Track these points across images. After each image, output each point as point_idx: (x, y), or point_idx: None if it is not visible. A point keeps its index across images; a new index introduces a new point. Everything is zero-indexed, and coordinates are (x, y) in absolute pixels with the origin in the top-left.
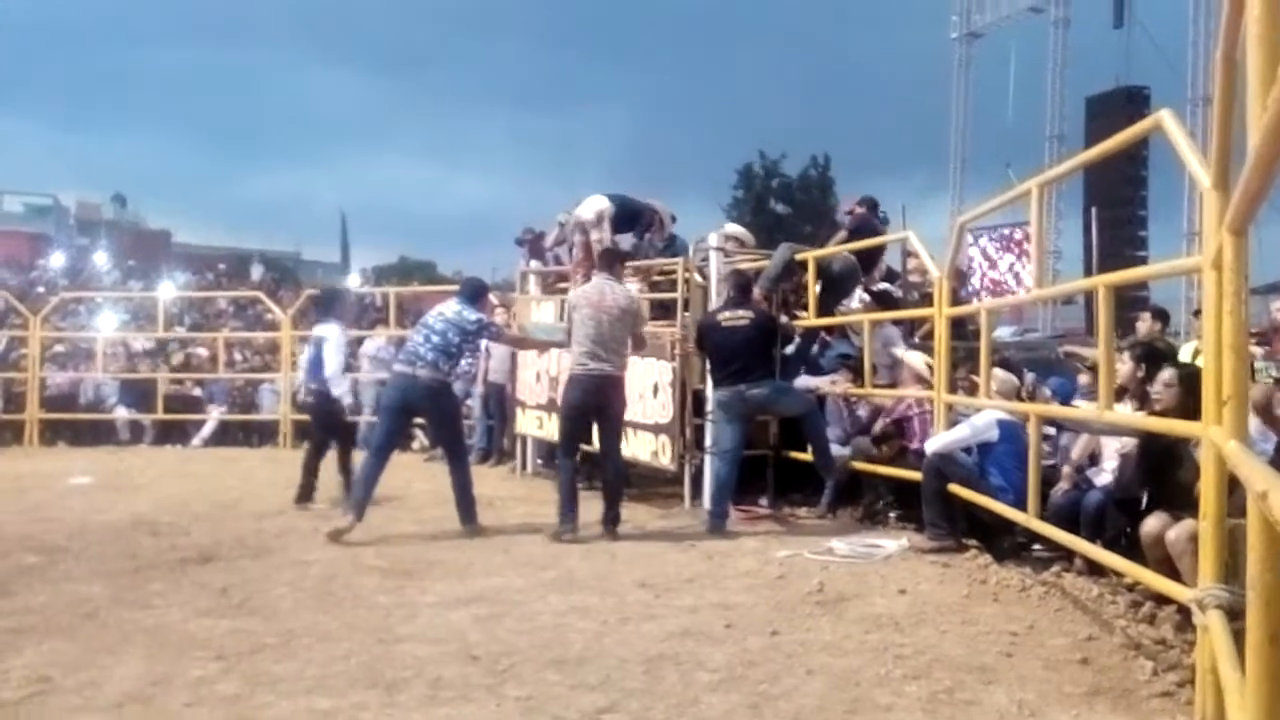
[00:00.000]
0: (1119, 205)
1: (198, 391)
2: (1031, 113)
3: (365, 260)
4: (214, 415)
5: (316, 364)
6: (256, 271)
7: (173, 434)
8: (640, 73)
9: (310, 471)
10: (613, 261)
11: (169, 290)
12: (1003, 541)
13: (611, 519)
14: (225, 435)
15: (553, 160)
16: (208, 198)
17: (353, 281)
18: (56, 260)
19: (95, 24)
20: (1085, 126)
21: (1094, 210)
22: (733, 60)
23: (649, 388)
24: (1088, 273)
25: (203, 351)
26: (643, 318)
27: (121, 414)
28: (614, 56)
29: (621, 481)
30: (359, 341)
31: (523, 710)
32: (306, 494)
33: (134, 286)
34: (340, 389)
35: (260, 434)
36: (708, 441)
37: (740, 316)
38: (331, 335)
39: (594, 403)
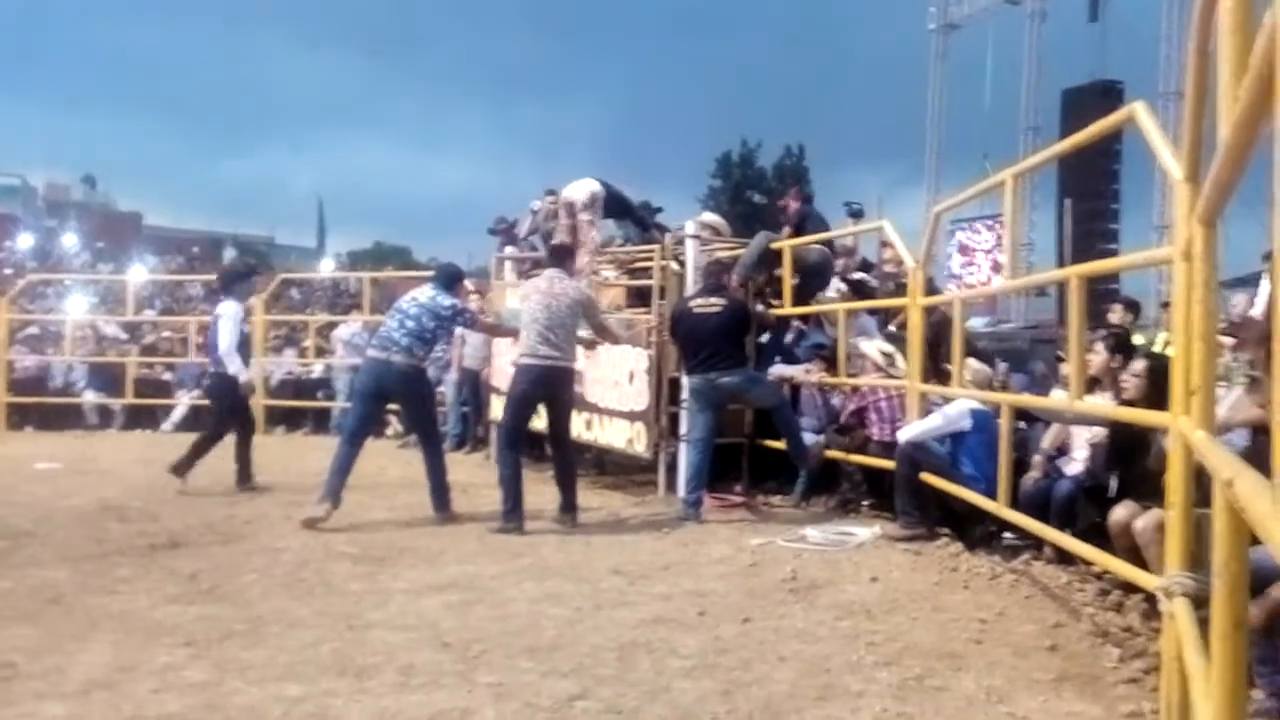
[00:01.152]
0: (1092, 198)
1: (168, 376)
2: (1008, 105)
3: (340, 245)
4: (184, 400)
5: (215, 344)
6: (229, 255)
7: (142, 419)
8: (620, 63)
9: (199, 453)
10: (564, 256)
11: (139, 274)
12: (974, 530)
13: (568, 507)
14: (196, 420)
15: (532, 148)
16: (181, 180)
17: (327, 266)
18: (24, 242)
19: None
20: (1061, 119)
21: (1067, 202)
22: (712, 51)
23: (624, 375)
24: (1060, 264)
25: (169, 334)
26: (596, 308)
27: (90, 398)
28: (595, 46)
29: (574, 469)
30: (331, 326)
31: (494, 697)
32: (186, 469)
33: (103, 269)
34: (235, 367)
35: None
36: (682, 429)
37: (713, 304)
38: (226, 313)
39: (543, 393)
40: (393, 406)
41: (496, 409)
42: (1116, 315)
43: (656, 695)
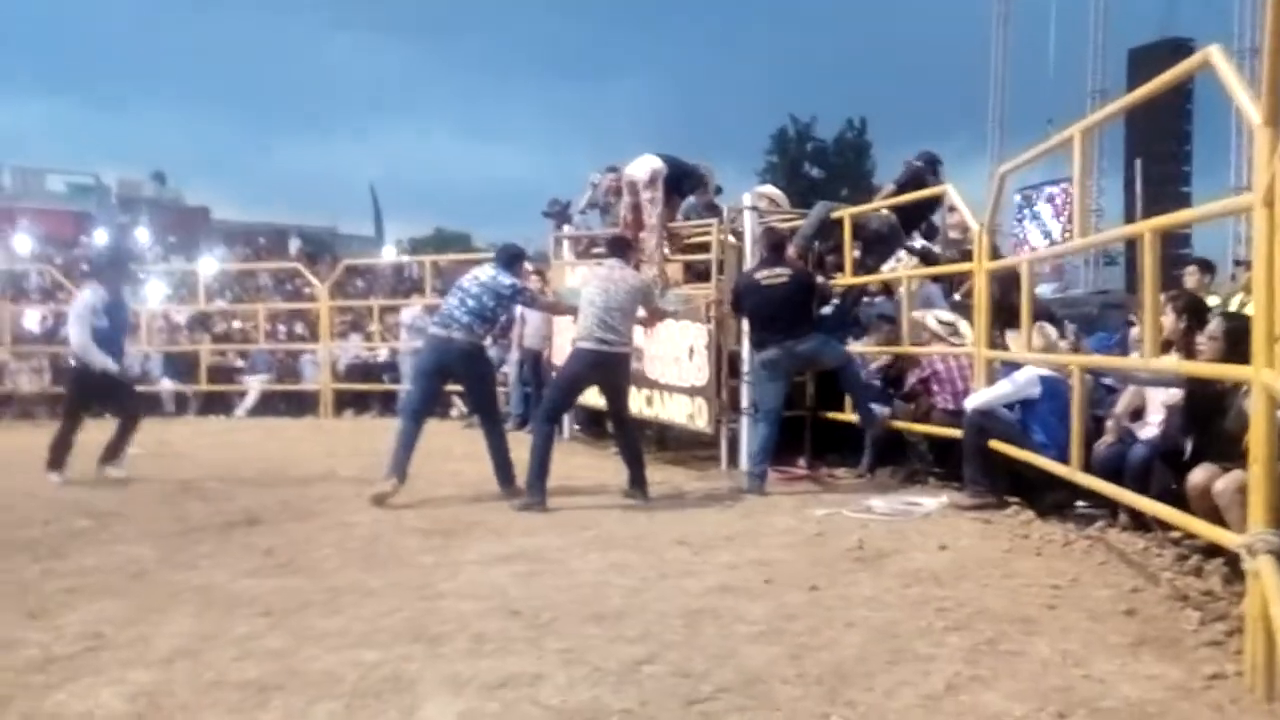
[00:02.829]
0: (1163, 160)
1: (239, 362)
2: (1073, 69)
3: (401, 233)
4: (255, 385)
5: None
6: (294, 246)
7: (216, 405)
8: (673, 41)
9: (65, 442)
10: (623, 247)
11: (209, 265)
12: (1045, 498)
13: (637, 482)
14: (267, 405)
15: (586, 130)
16: (246, 173)
17: (388, 254)
18: (100, 237)
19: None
20: (1128, 80)
21: (1138, 163)
22: (766, 25)
23: (684, 351)
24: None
25: (239, 323)
26: (654, 295)
27: (166, 385)
28: (645, 25)
29: (638, 446)
30: (394, 311)
31: (563, 662)
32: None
33: (175, 262)
34: (90, 356)
35: (301, 404)
36: (743, 403)
37: (779, 274)
38: (79, 299)
39: (597, 377)
40: (455, 388)
41: None
42: (1192, 277)
43: (724, 659)
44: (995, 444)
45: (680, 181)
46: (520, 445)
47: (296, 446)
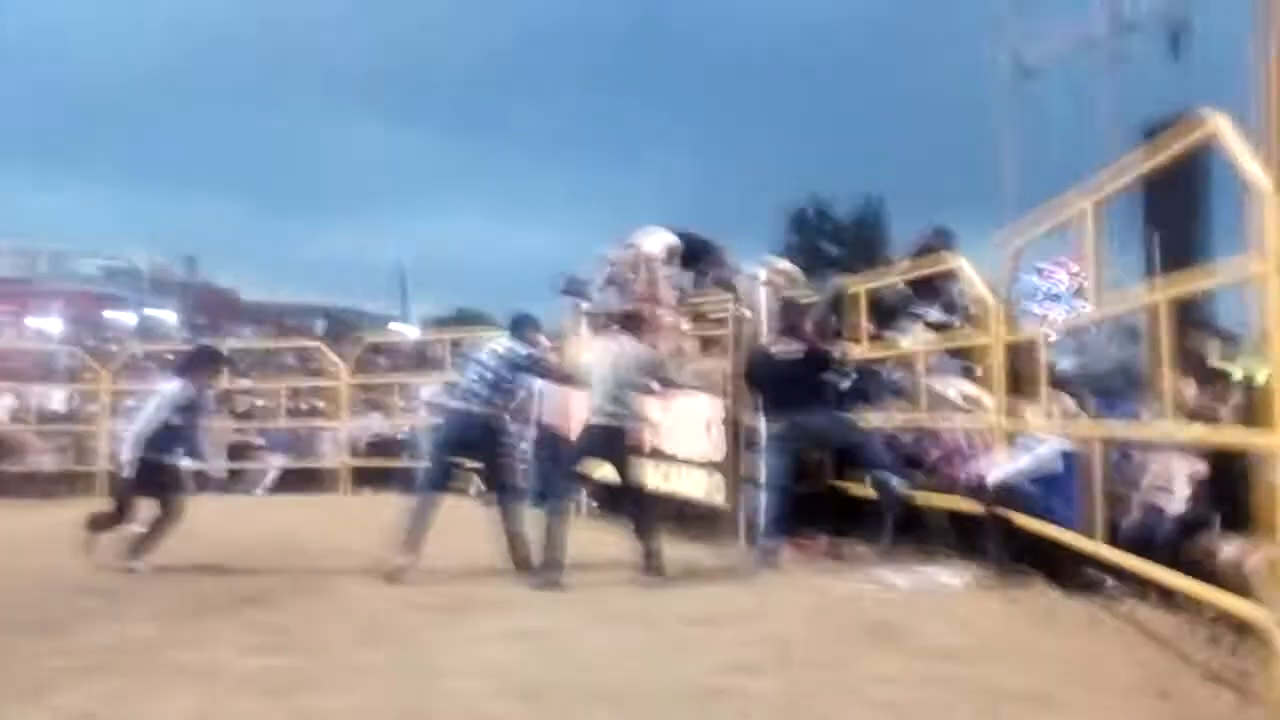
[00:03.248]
0: (1183, 230)
1: (259, 441)
2: (1088, 146)
3: (424, 313)
4: (275, 464)
5: None
6: (320, 326)
7: (237, 482)
8: (694, 119)
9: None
10: (634, 323)
11: (230, 344)
12: (1071, 574)
13: (652, 557)
14: (287, 483)
15: (607, 208)
16: (273, 256)
17: (411, 332)
18: (129, 319)
19: (161, 90)
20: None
21: (1156, 236)
22: (780, 103)
23: (701, 425)
24: None
25: (262, 402)
26: (665, 368)
27: (187, 464)
28: (664, 103)
29: (651, 520)
30: (412, 388)
31: None
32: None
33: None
34: (126, 448)
35: (320, 481)
36: (760, 475)
37: (792, 348)
38: (164, 391)
39: (604, 452)
40: (473, 465)
41: None
42: (1211, 348)
43: None
44: (1017, 519)
45: (697, 254)
46: (536, 521)
47: (312, 523)
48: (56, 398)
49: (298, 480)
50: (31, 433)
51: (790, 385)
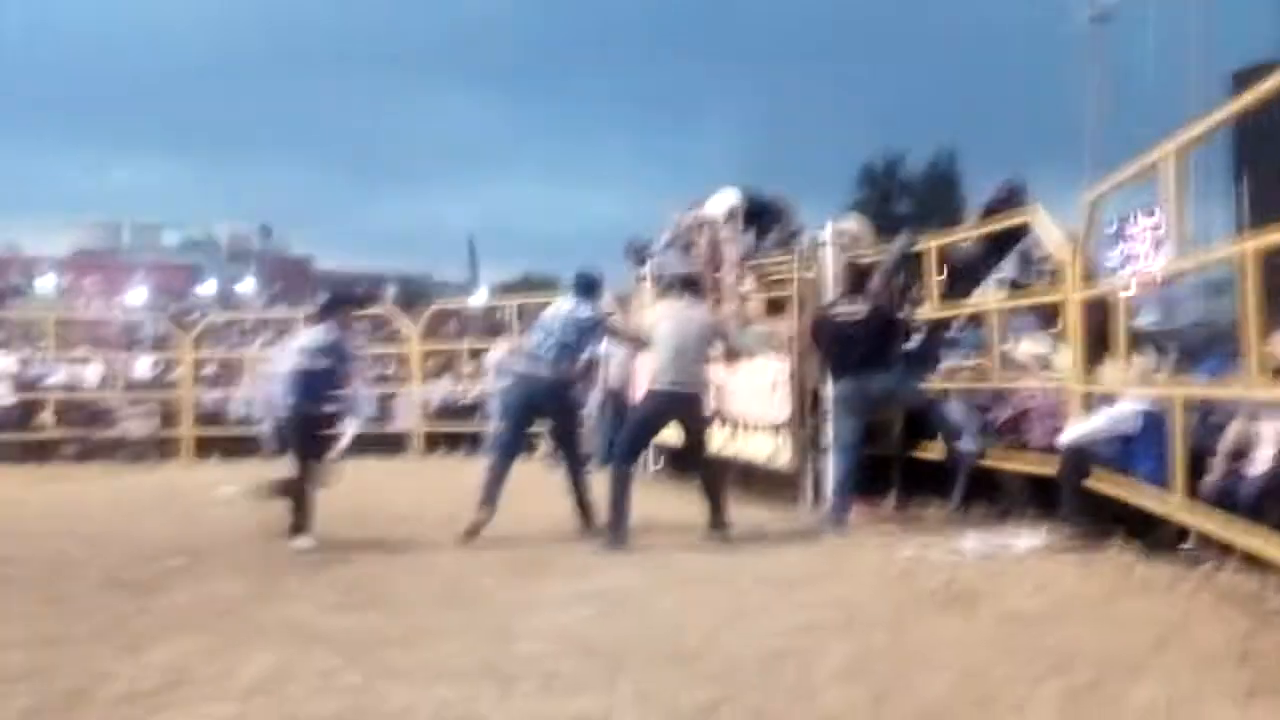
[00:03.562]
0: (1273, 182)
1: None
2: (1172, 94)
3: (494, 278)
4: (350, 427)
5: None
6: (391, 292)
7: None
8: (761, 77)
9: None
10: (695, 286)
11: (305, 310)
12: (1150, 536)
13: (718, 520)
14: (361, 446)
15: (673, 171)
16: (346, 224)
17: (480, 298)
18: (208, 288)
19: (237, 61)
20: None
21: (1244, 184)
22: (854, 57)
23: (766, 386)
24: None
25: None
26: (727, 332)
27: (266, 428)
28: (731, 65)
29: (719, 484)
30: (482, 353)
31: (636, 702)
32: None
33: (279, 309)
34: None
35: (394, 444)
36: (827, 439)
37: (856, 309)
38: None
39: (672, 418)
40: (541, 428)
41: None
42: None
43: (802, 701)
44: (1094, 480)
45: (760, 215)
46: (602, 485)
47: (387, 485)
48: (142, 365)
49: (372, 444)
50: (119, 399)
51: (853, 347)
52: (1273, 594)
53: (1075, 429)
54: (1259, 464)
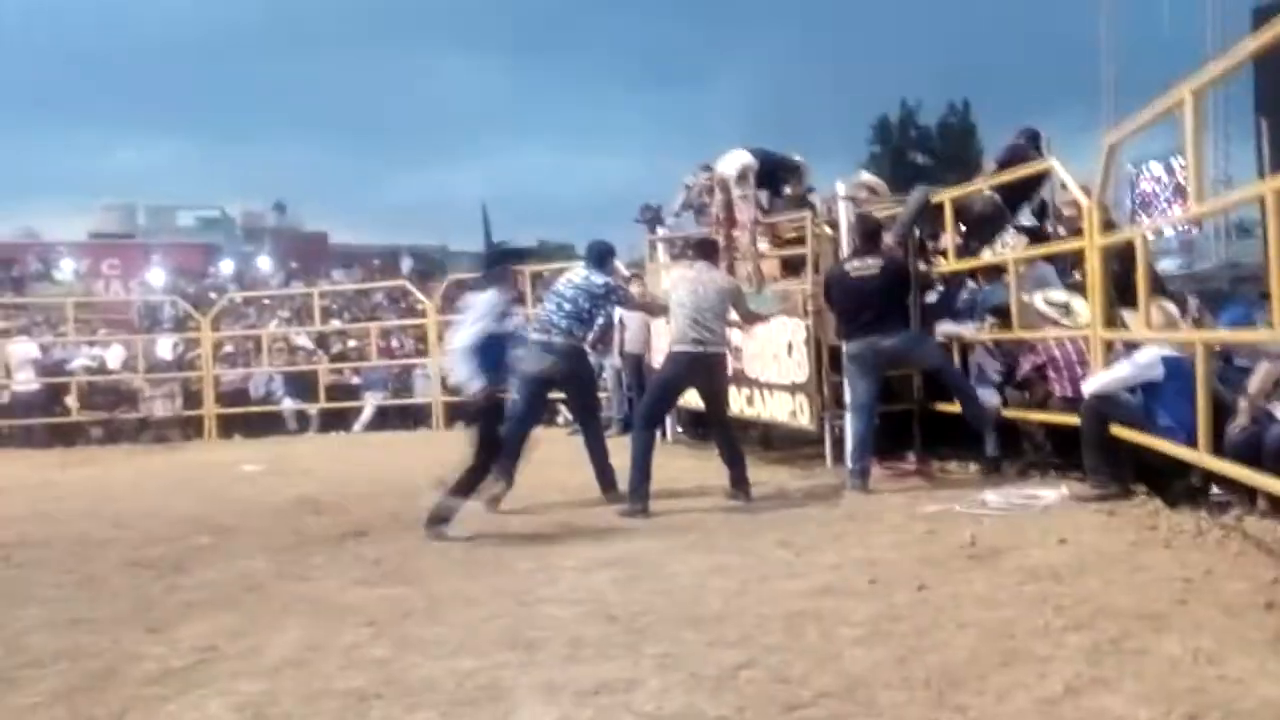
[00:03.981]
0: None
1: (356, 380)
2: (1190, 33)
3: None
4: (371, 402)
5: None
6: (406, 265)
7: (335, 422)
8: (769, 37)
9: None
10: (709, 250)
11: (324, 287)
12: (1174, 485)
13: (739, 483)
14: (383, 420)
15: (686, 133)
16: (359, 199)
17: None
18: (226, 267)
19: (245, 38)
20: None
21: (1263, 124)
22: (861, 10)
23: (783, 347)
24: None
25: (355, 342)
26: (743, 297)
27: (288, 405)
28: (741, 24)
29: (738, 447)
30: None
31: (660, 667)
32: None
33: (296, 286)
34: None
35: (415, 417)
36: (846, 398)
37: (869, 265)
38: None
39: (692, 379)
40: (558, 395)
41: None
42: None
43: (825, 663)
44: (1117, 430)
45: (774, 174)
46: (622, 450)
47: (409, 459)
48: (163, 346)
49: (393, 417)
50: (142, 380)
51: (865, 305)
52: None
53: (1098, 378)
54: None
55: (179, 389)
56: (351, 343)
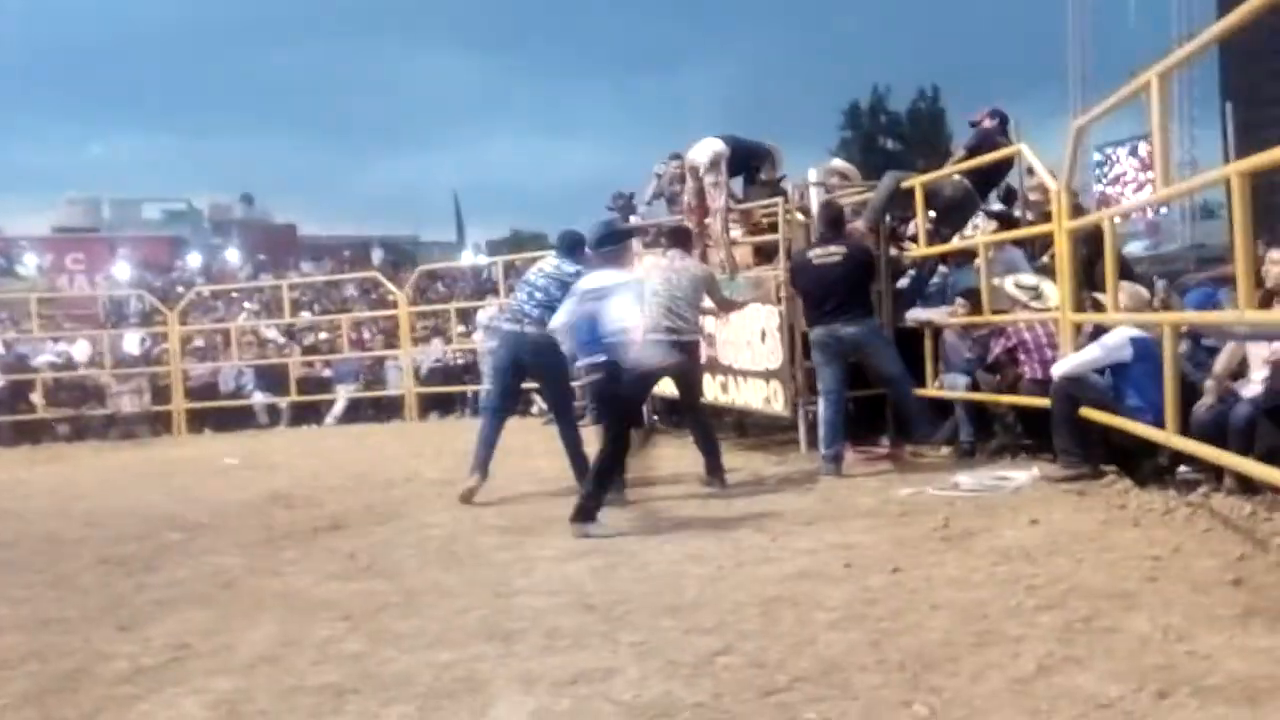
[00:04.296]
0: (1261, 105)
1: (327, 372)
2: (1157, 17)
3: (481, 236)
4: (343, 394)
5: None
6: (376, 256)
7: (307, 415)
8: (740, 26)
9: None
10: (683, 238)
11: (293, 279)
12: (1143, 465)
13: (714, 470)
14: (355, 412)
15: (657, 121)
16: (329, 191)
17: (467, 257)
18: (194, 260)
19: (211, 31)
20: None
21: (1228, 107)
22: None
23: (757, 334)
24: None
25: (326, 335)
26: (717, 285)
27: (258, 399)
28: (711, 13)
29: (713, 433)
30: (472, 313)
31: (637, 655)
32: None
33: (264, 278)
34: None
35: (388, 409)
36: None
37: (832, 253)
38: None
39: (668, 370)
40: (532, 385)
41: None
42: None
43: (801, 648)
44: (1086, 411)
45: (746, 161)
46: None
47: (382, 451)
48: (130, 341)
49: (366, 409)
50: (109, 376)
51: (830, 292)
52: (1264, 516)
53: (1068, 360)
54: (1251, 388)
55: (147, 384)
56: (323, 335)
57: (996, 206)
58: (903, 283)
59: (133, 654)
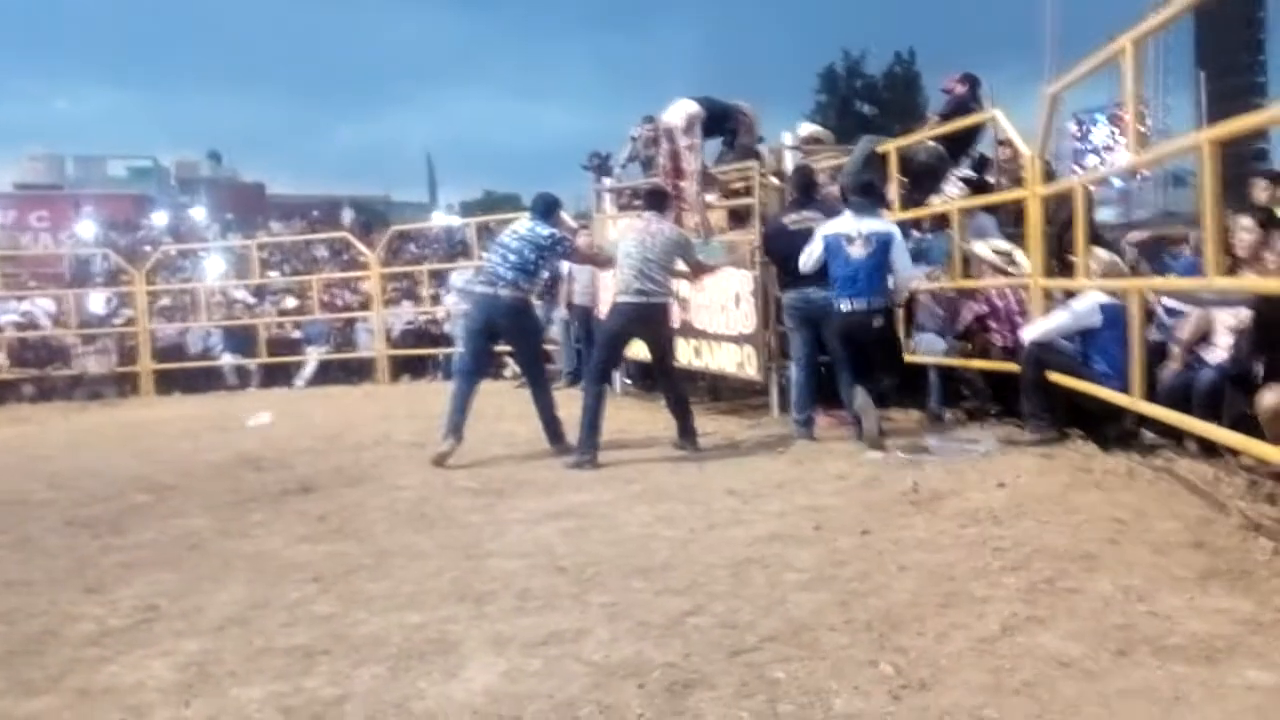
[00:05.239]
0: (1234, 73)
1: (297, 334)
2: None
3: (452, 198)
4: (313, 356)
5: None
6: (347, 216)
7: (277, 376)
8: None
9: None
10: (659, 200)
11: (263, 239)
12: (1108, 429)
13: (686, 433)
14: (326, 374)
15: (632, 82)
16: (299, 149)
17: (439, 218)
18: (160, 219)
19: None
20: None
21: (1201, 76)
22: None
23: (730, 299)
24: None
25: (291, 302)
26: (691, 248)
27: (227, 360)
28: None
29: (685, 397)
30: (445, 275)
31: (608, 617)
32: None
33: (233, 238)
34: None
35: (359, 371)
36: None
37: (805, 219)
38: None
39: (638, 330)
40: (505, 348)
41: None
42: (1263, 191)
43: (771, 609)
44: (1054, 376)
45: (720, 123)
46: (572, 403)
47: (353, 413)
48: (95, 301)
49: (336, 371)
50: (74, 336)
51: (799, 257)
52: (1226, 480)
53: (1038, 325)
54: (1215, 354)
55: (113, 345)
56: (292, 301)
57: (966, 171)
58: None
59: (100, 616)
